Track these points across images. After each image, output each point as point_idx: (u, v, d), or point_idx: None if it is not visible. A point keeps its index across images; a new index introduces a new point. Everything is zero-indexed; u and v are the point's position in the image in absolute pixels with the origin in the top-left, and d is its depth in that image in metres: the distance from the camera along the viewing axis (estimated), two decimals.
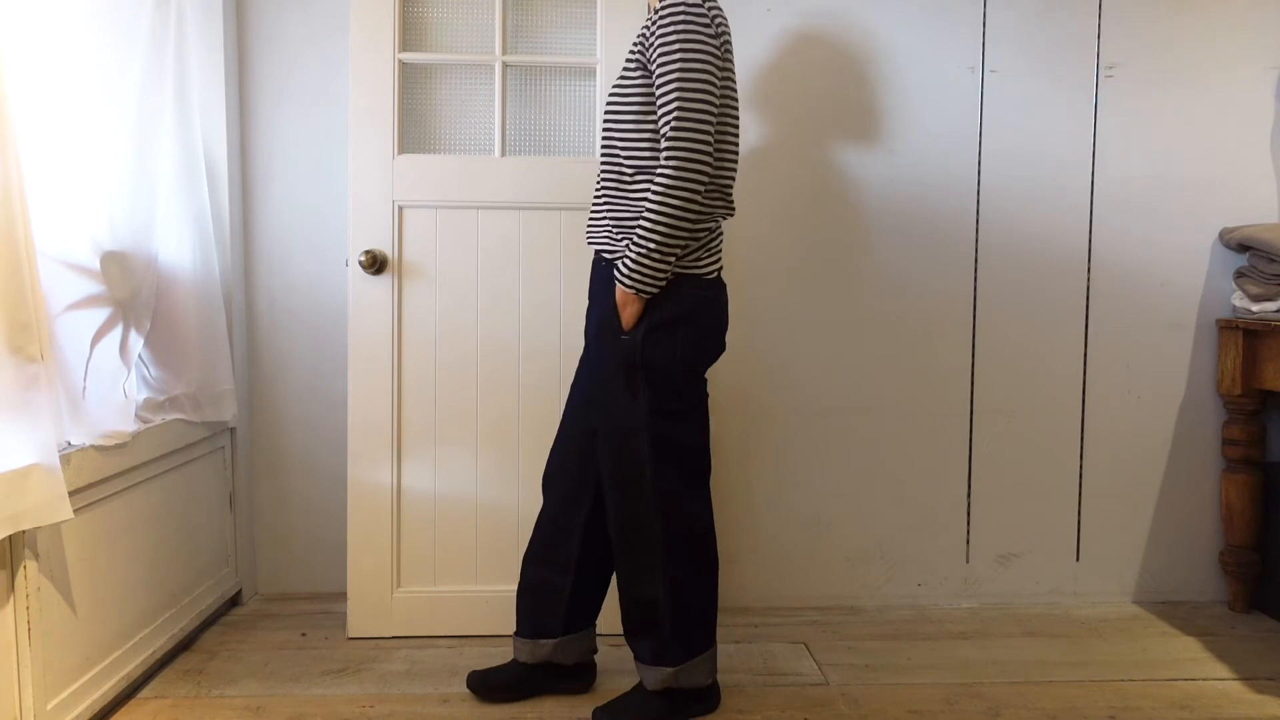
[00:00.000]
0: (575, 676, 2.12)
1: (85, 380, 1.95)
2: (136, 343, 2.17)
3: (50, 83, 1.87)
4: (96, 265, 1.99)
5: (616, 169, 1.93)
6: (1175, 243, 2.73)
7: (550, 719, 2.03)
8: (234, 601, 2.68)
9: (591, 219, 2.01)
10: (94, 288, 1.99)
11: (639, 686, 2.00)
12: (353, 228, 2.42)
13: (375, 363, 2.43)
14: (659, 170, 1.80)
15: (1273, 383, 2.54)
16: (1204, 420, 2.77)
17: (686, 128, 1.77)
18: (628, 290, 1.86)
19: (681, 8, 1.79)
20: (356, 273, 2.42)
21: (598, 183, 1.99)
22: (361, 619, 2.46)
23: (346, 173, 2.50)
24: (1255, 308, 2.59)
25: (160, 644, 2.23)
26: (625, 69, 1.92)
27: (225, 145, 2.57)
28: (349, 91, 2.43)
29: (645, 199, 1.84)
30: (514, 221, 2.45)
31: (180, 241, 2.34)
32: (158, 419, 2.23)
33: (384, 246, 2.42)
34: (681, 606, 1.95)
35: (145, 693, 2.14)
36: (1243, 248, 2.66)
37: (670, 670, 1.95)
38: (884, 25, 2.65)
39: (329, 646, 2.41)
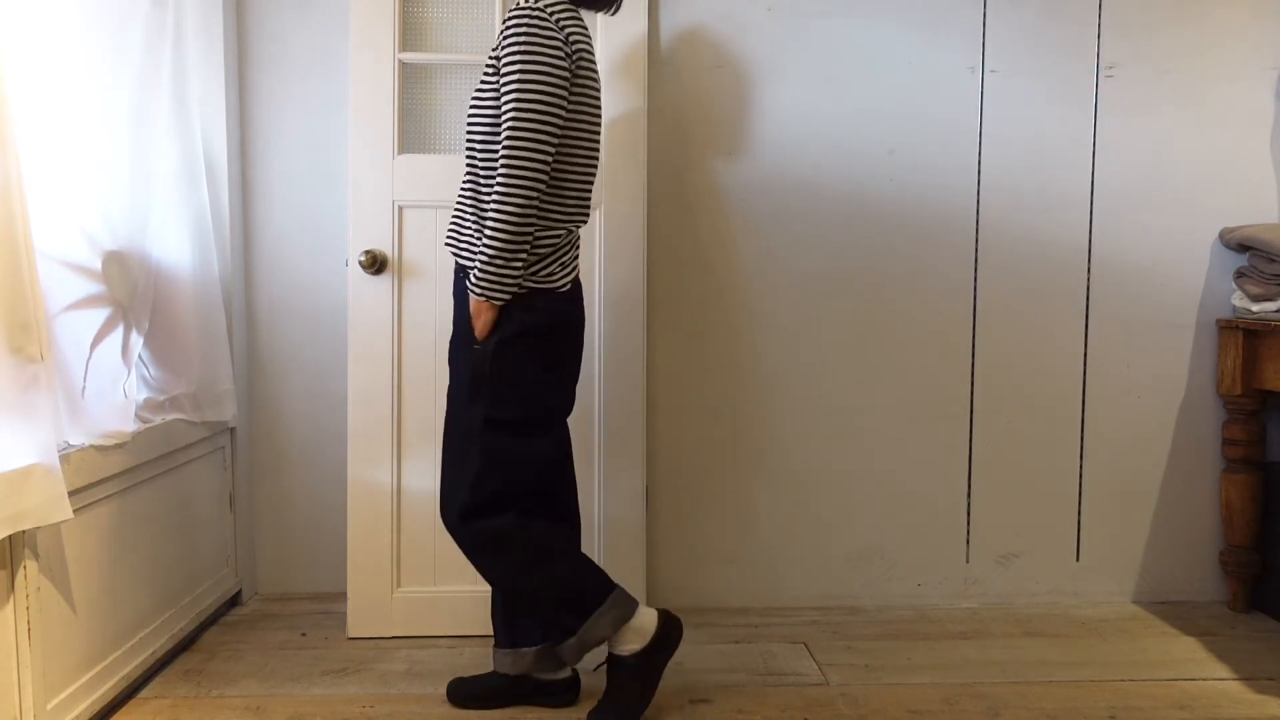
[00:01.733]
0: (559, 691, 2.09)
1: (85, 380, 1.95)
2: (136, 343, 2.17)
3: (46, 82, 1.87)
4: (97, 265, 1.99)
5: (474, 175, 1.92)
6: (1175, 243, 2.73)
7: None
8: (234, 601, 2.68)
9: (451, 223, 1.99)
10: (94, 288, 1.99)
11: (608, 680, 1.99)
12: (353, 227, 2.42)
13: (375, 363, 2.43)
14: (496, 177, 1.81)
15: (1273, 383, 2.54)
16: (1204, 420, 2.77)
17: (519, 135, 1.78)
18: (479, 299, 1.85)
19: (525, 17, 1.79)
20: (356, 272, 2.42)
21: (460, 187, 1.98)
22: (361, 619, 2.46)
23: (346, 172, 2.51)
24: (1255, 308, 2.59)
25: (160, 644, 2.23)
26: (483, 77, 1.91)
27: (225, 145, 2.56)
28: (349, 91, 2.43)
29: None
30: None
31: (180, 241, 2.34)
32: (158, 419, 2.23)
33: (384, 246, 2.42)
34: (541, 586, 1.95)
35: (145, 693, 2.14)
36: (1243, 248, 2.66)
37: (574, 639, 1.94)
38: (883, 25, 2.65)
39: (329, 646, 2.41)
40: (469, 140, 1.93)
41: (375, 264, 2.41)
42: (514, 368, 1.89)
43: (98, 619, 1.99)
